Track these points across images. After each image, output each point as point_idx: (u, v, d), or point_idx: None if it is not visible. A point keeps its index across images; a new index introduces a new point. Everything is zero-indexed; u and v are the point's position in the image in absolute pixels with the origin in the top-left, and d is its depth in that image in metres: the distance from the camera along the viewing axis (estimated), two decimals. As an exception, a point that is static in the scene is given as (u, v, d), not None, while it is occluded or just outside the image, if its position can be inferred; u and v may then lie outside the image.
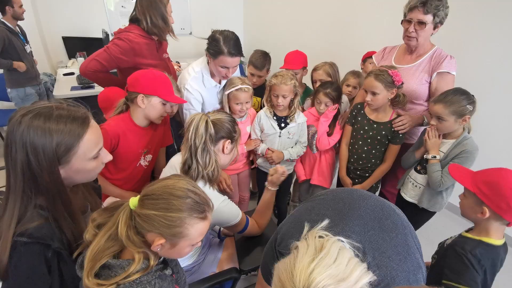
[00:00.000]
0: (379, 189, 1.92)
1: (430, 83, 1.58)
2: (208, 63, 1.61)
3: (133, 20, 1.77)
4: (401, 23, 1.54)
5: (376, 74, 1.51)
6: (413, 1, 1.44)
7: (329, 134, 1.83)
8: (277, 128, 1.77)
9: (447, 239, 1.16)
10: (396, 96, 1.57)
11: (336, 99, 1.77)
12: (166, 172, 1.26)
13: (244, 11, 4.90)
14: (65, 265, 0.75)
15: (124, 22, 4.33)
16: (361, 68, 2.53)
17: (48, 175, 0.70)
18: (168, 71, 1.74)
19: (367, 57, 2.50)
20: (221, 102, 1.79)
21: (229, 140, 1.18)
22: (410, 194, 1.62)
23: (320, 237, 0.61)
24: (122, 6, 4.00)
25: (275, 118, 1.76)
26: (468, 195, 0.99)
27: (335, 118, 1.82)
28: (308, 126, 1.87)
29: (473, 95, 1.35)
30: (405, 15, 1.51)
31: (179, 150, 1.23)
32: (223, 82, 1.77)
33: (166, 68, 1.86)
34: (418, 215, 1.59)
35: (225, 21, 4.75)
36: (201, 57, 1.68)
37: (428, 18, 1.43)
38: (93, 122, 0.77)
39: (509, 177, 0.88)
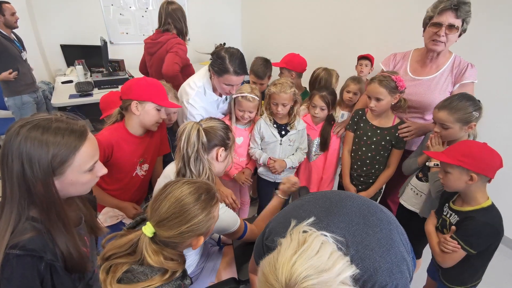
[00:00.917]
0: (381, 194, 1.89)
1: (451, 93, 1.52)
2: (210, 77, 1.61)
3: (166, 29, 2.21)
4: (425, 26, 1.45)
5: (380, 80, 1.48)
6: (444, 3, 1.34)
7: (324, 146, 1.83)
8: (278, 136, 1.74)
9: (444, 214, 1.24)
10: (398, 101, 1.54)
11: (331, 104, 1.75)
12: (161, 182, 1.23)
13: (242, 16, 4.92)
14: (58, 277, 0.74)
15: (122, 30, 4.33)
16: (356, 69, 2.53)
17: (42, 186, 0.70)
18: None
19: (361, 58, 2.50)
20: (223, 112, 1.79)
21: (223, 148, 1.17)
22: (410, 201, 1.58)
23: (304, 232, 0.62)
24: (121, 14, 4.01)
25: (275, 126, 1.74)
26: (452, 170, 1.11)
27: (329, 126, 1.81)
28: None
29: (479, 101, 1.30)
30: (430, 18, 1.41)
31: None
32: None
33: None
34: (421, 224, 1.55)
35: (223, 26, 4.76)
36: (202, 70, 1.66)
37: (459, 22, 1.35)
38: (90, 135, 0.77)
39: (476, 143, 1.12)
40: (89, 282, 0.86)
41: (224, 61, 1.46)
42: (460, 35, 1.41)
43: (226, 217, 1.14)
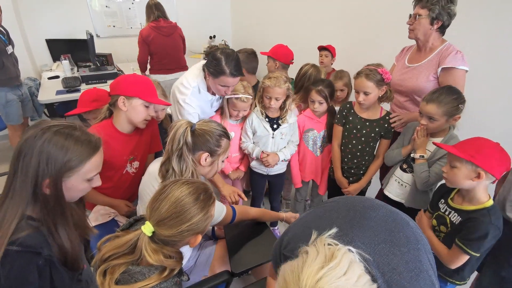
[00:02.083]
0: (370, 184, 1.93)
1: (436, 78, 1.56)
2: (204, 78, 1.60)
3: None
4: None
5: (366, 74, 1.51)
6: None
7: (330, 137, 1.84)
8: (270, 129, 1.75)
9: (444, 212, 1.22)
10: (385, 92, 1.58)
11: (330, 97, 1.74)
12: (145, 179, 1.24)
13: (232, 8, 4.85)
14: (57, 273, 0.78)
15: (109, 23, 4.24)
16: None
17: (52, 183, 0.75)
18: None
19: (321, 49, 2.51)
20: (216, 110, 1.79)
21: (208, 154, 1.16)
22: (395, 192, 1.62)
23: (329, 245, 0.58)
24: (107, 6, 3.91)
25: (267, 119, 1.74)
26: (460, 165, 1.09)
27: (333, 118, 1.81)
28: (307, 131, 1.86)
29: (463, 94, 1.34)
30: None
31: None
32: None
33: None
34: (407, 213, 1.59)
35: (213, 19, 4.69)
36: (195, 70, 1.64)
37: (423, 12, 1.47)
38: (101, 149, 0.86)
39: (490, 142, 1.08)
40: (79, 277, 0.89)
41: (220, 63, 1.45)
42: (433, 24, 1.49)
43: None
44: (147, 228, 0.78)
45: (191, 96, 1.58)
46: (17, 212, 0.74)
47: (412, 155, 1.48)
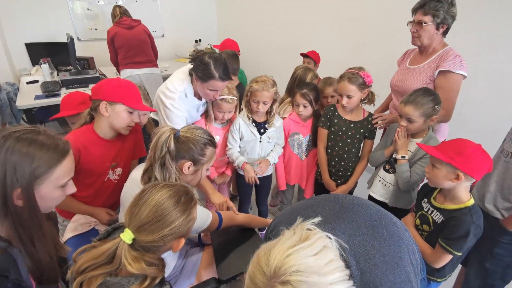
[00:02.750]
0: (356, 185, 1.94)
1: (433, 81, 1.57)
2: (191, 82, 1.58)
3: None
4: (408, 25, 1.58)
5: (349, 78, 1.54)
6: (415, 5, 1.53)
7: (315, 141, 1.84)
8: (257, 134, 1.74)
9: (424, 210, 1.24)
10: (367, 95, 1.62)
11: (315, 100, 1.74)
12: (127, 186, 1.20)
13: (217, 11, 4.84)
14: None
15: (90, 25, 4.18)
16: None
17: (24, 194, 0.71)
18: None
19: (304, 56, 2.55)
20: (202, 114, 1.76)
21: (191, 163, 1.12)
22: (379, 192, 1.64)
23: (308, 229, 0.60)
24: (88, 9, 3.83)
25: (254, 124, 1.73)
26: (440, 166, 1.10)
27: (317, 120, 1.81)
28: (293, 134, 1.85)
29: (438, 95, 1.38)
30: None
31: None
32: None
33: None
34: (391, 212, 1.62)
35: (198, 22, 4.67)
36: (180, 74, 1.62)
37: (427, 18, 1.47)
38: (71, 153, 0.81)
39: (471, 144, 1.08)
40: None
41: (209, 67, 1.44)
42: (438, 28, 1.49)
43: (197, 216, 1.13)
44: (127, 236, 0.76)
45: (178, 100, 1.57)
46: None
47: (394, 156, 1.50)
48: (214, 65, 1.44)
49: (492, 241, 1.27)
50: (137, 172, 1.17)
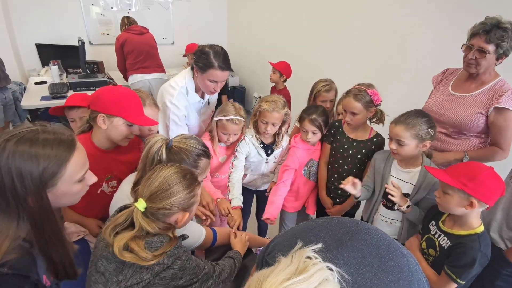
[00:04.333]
0: (359, 208, 1.87)
1: (487, 116, 1.42)
2: (193, 77, 1.58)
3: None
4: (461, 48, 1.43)
5: (355, 94, 1.47)
6: (477, 27, 1.35)
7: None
8: (264, 156, 1.68)
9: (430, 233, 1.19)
10: (375, 113, 1.53)
11: (324, 125, 1.61)
12: (117, 196, 1.16)
13: (228, 21, 4.89)
14: None
15: (103, 30, 4.24)
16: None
17: (35, 200, 0.69)
18: None
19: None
20: (204, 119, 1.73)
21: None
22: (385, 230, 1.54)
23: (308, 258, 0.54)
24: (102, 14, 3.90)
25: (261, 146, 1.66)
26: (452, 193, 1.05)
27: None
28: (308, 163, 1.72)
29: (432, 118, 1.29)
30: (467, 40, 1.41)
31: None
32: (207, 97, 1.73)
33: None
34: None
35: (208, 30, 4.72)
36: (183, 72, 1.63)
37: (491, 47, 1.32)
38: (79, 145, 0.78)
39: (483, 167, 1.03)
40: None
41: (209, 56, 1.45)
42: (498, 59, 1.37)
43: (190, 232, 1.09)
44: (140, 204, 0.83)
45: (177, 96, 1.55)
46: (8, 233, 0.67)
47: (396, 208, 1.37)
48: (214, 54, 1.45)
49: (494, 272, 1.22)
50: (128, 183, 1.13)
